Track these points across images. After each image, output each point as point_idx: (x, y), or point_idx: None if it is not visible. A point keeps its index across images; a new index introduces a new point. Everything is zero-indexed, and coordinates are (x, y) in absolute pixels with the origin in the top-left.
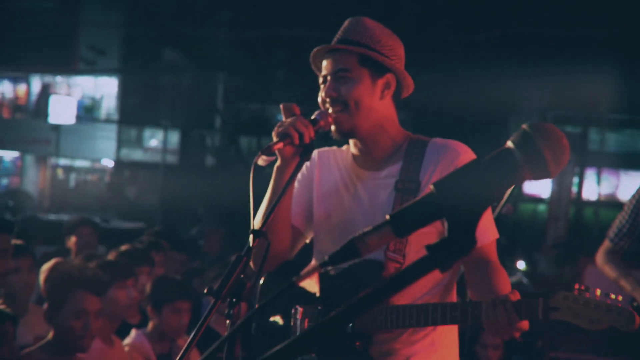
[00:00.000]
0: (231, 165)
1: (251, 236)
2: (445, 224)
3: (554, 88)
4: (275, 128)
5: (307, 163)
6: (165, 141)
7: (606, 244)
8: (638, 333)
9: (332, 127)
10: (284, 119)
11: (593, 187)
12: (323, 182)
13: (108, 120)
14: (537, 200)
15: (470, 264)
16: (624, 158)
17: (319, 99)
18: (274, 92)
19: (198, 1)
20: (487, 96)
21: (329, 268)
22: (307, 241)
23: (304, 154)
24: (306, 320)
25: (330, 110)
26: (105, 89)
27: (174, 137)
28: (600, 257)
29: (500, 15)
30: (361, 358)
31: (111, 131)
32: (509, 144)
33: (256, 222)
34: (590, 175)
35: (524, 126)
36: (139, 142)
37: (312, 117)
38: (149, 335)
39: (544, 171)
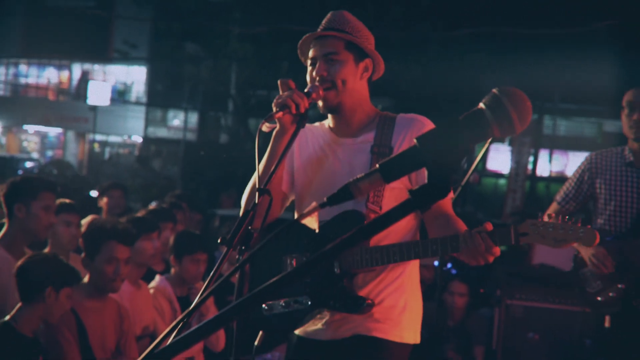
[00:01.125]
0: (242, 142)
1: (257, 193)
2: (414, 180)
3: (515, 80)
4: (275, 100)
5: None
6: (185, 121)
7: (554, 206)
8: (581, 283)
9: (320, 103)
10: (281, 92)
11: (545, 165)
12: (302, 154)
13: (137, 103)
14: (498, 175)
15: (434, 216)
16: (572, 141)
17: (308, 78)
18: (278, 80)
19: (215, 2)
20: (459, 87)
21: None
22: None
23: (300, 121)
24: None
25: (319, 86)
26: (135, 76)
27: (193, 118)
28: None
29: (472, 16)
30: (347, 294)
31: (140, 112)
32: (481, 105)
33: (258, 181)
34: (543, 155)
35: (494, 90)
36: (163, 122)
37: (306, 90)
38: (171, 280)
39: (510, 128)
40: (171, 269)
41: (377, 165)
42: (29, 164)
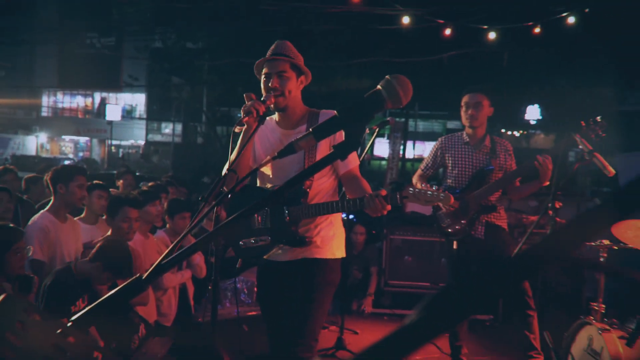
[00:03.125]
0: (212, 143)
1: (228, 172)
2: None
3: None
4: (242, 108)
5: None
6: (173, 129)
7: (418, 172)
8: (438, 221)
9: (272, 106)
10: (246, 102)
11: (411, 151)
12: (263, 144)
13: (140, 118)
14: (381, 158)
15: (348, 178)
16: (427, 135)
17: (262, 87)
18: (237, 100)
19: (191, 48)
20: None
21: (267, 186)
22: None
23: (260, 121)
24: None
25: (271, 94)
26: (138, 100)
27: (179, 127)
28: (415, 177)
29: (364, 50)
30: (294, 235)
31: (142, 124)
32: (379, 87)
33: (230, 163)
34: (409, 144)
35: (387, 76)
36: (158, 130)
37: (262, 99)
38: (167, 232)
39: (398, 101)
40: (167, 225)
41: (310, 130)
42: (66, 162)
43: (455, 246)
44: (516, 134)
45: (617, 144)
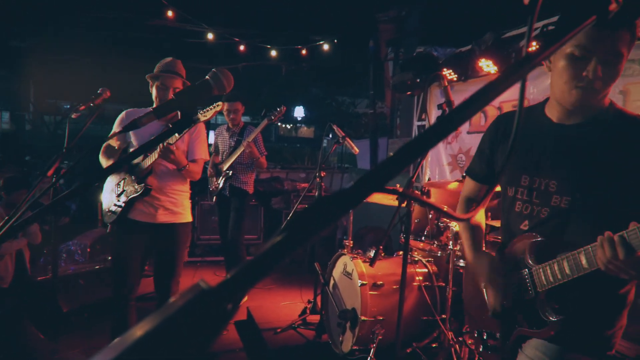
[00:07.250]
0: (40, 128)
1: (66, 149)
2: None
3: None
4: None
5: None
6: (1, 117)
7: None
8: None
9: (158, 101)
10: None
11: (212, 137)
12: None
13: None
14: None
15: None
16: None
17: (155, 92)
18: (63, 93)
19: (19, 45)
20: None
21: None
22: None
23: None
24: None
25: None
26: None
27: (6, 116)
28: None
29: (179, 56)
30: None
31: None
32: (207, 77)
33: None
34: (211, 133)
35: (213, 69)
36: None
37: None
38: (2, 205)
39: (223, 89)
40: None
41: (152, 109)
42: None
43: (214, 199)
44: (288, 126)
45: (350, 134)
